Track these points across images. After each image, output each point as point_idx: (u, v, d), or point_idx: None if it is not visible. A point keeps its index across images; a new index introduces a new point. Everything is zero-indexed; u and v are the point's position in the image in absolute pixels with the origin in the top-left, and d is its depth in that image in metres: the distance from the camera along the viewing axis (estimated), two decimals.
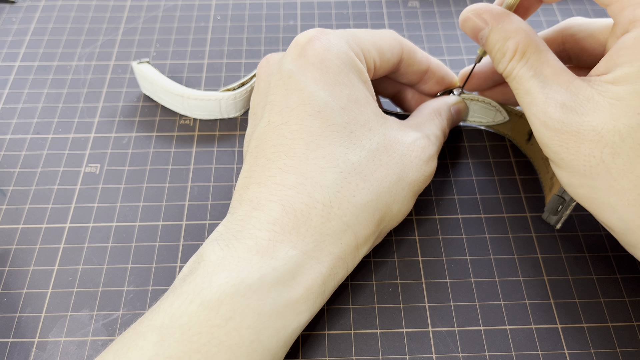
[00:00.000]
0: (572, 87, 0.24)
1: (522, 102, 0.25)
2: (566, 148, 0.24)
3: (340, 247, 0.24)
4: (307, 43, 0.26)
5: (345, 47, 0.26)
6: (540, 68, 0.25)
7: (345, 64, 0.26)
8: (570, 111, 0.23)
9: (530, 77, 0.25)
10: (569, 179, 0.25)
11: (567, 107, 0.23)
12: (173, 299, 0.21)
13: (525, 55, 0.25)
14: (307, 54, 0.26)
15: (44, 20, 0.42)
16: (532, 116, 0.25)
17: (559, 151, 0.24)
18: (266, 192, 0.24)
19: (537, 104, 0.24)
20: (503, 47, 0.26)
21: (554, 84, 0.24)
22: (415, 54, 0.30)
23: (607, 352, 0.26)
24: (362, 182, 0.24)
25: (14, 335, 0.27)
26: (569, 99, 0.23)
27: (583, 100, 0.23)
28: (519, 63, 0.25)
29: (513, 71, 0.25)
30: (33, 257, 0.29)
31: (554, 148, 0.24)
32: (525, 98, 0.25)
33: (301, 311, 0.22)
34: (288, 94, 0.25)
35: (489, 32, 0.26)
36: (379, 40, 0.28)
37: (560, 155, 0.24)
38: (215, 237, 0.24)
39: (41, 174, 0.33)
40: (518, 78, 0.25)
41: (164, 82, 0.35)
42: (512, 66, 0.25)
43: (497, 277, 0.29)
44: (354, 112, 0.25)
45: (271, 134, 0.25)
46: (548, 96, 0.24)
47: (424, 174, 0.27)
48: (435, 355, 0.26)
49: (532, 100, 0.25)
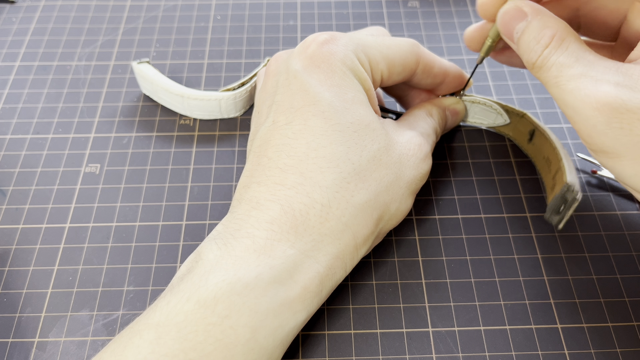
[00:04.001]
0: (623, 69, 0.22)
1: (565, 90, 0.23)
2: (629, 130, 0.21)
3: (339, 247, 0.24)
4: (315, 45, 0.26)
5: (351, 55, 0.26)
6: (583, 55, 0.23)
7: (350, 71, 0.26)
8: (629, 89, 0.21)
9: (574, 62, 0.23)
10: (633, 168, 0.22)
11: (623, 85, 0.22)
12: (170, 298, 0.21)
13: (564, 42, 0.24)
14: (313, 56, 0.26)
15: (44, 20, 0.42)
16: (580, 102, 0.22)
17: (620, 135, 0.22)
18: (266, 191, 0.24)
19: (585, 87, 0.22)
20: (539, 35, 0.24)
21: (602, 67, 0.23)
22: (432, 68, 0.30)
23: (607, 352, 0.26)
24: (360, 182, 0.24)
25: (14, 335, 0.27)
26: (623, 79, 0.22)
27: (638, 78, 0.22)
28: (557, 50, 0.24)
29: (550, 59, 0.24)
30: (33, 257, 0.29)
31: (613, 133, 0.22)
32: (569, 84, 0.23)
33: (298, 310, 0.22)
34: (293, 95, 0.26)
35: (527, 24, 0.25)
36: (393, 52, 0.28)
37: (622, 140, 0.22)
38: (214, 235, 0.24)
39: (41, 174, 0.33)
40: (558, 64, 0.23)
41: (164, 82, 0.35)
42: (548, 53, 0.24)
43: (497, 277, 0.29)
44: (358, 113, 0.25)
45: (275, 134, 0.25)
46: (598, 78, 0.22)
47: (420, 172, 0.27)
48: (435, 355, 0.26)
49: (577, 85, 0.22)
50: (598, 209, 0.31)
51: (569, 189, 0.28)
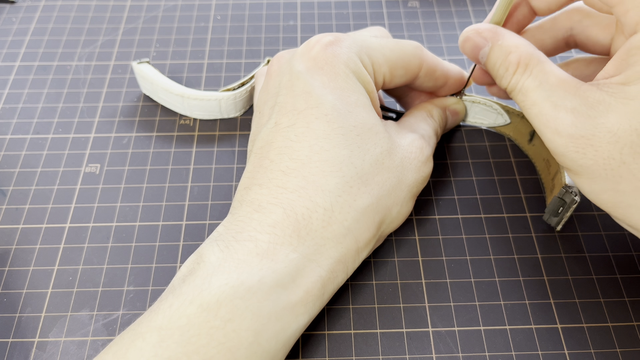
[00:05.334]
0: (581, 92, 0.23)
1: (530, 114, 0.25)
2: (583, 154, 0.23)
3: (341, 251, 0.24)
4: (319, 47, 0.26)
5: (354, 57, 0.26)
6: (545, 77, 0.24)
7: (353, 73, 0.26)
8: (582, 115, 0.23)
9: (536, 87, 0.24)
10: (590, 186, 0.23)
11: (578, 111, 0.23)
12: (172, 300, 0.21)
13: (528, 67, 0.25)
14: (317, 58, 0.26)
15: (44, 20, 0.42)
16: (542, 126, 0.24)
17: (576, 158, 0.23)
18: (267, 194, 0.24)
19: (545, 113, 0.24)
20: (505, 62, 0.25)
21: (561, 91, 0.24)
22: (434, 71, 0.30)
23: (607, 352, 0.26)
24: (363, 186, 0.24)
25: (14, 335, 0.27)
26: (579, 103, 0.23)
27: (594, 103, 0.22)
28: (522, 75, 0.25)
29: (518, 84, 0.25)
30: (33, 257, 0.29)
31: (571, 155, 0.23)
32: (533, 109, 0.24)
33: (300, 314, 0.22)
34: (296, 96, 0.25)
35: (489, 49, 0.26)
36: (396, 55, 0.28)
37: (579, 162, 0.23)
38: (215, 237, 0.24)
39: (41, 174, 0.33)
40: (524, 90, 0.25)
41: (164, 82, 0.35)
42: (516, 79, 0.25)
43: (497, 277, 0.29)
44: (361, 116, 0.25)
45: (277, 136, 0.25)
46: (557, 104, 0.23)
47: (422, 175, 0.27)
48: (435, 355, 0.26)
49: (539, 110, 0.24)
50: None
51: (567, 191, 0.28)
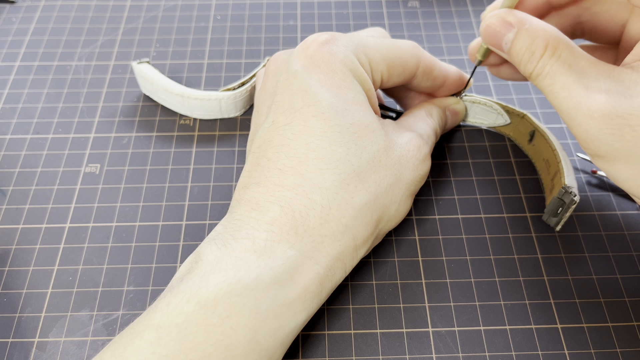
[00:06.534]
0: (615, 74, 0.22)
1: (558, 98, 0.24)
2: (620, 135, 0.22)
3: (339, 248, 0.24)
4: (316, 45, 0.26)
5: (351, 56, 0.26)
6: (575, 60, 0.23)
7: (350, 72, 0.26)
8: (618, 95, 0.22)
9: (566, 70, 0.23)
10: (627, 172, 0.23)
11: (614, 92, 0.22)
12: (170, 299, 0.21)
13: (557, 50, 0.24)
14: (314, 56, 0.26)
15: (44, 20, 0.42)
16: (572, 109, 0.23)
17: (612, 141, 0.22)
18: (265, 192, 0.24)
19: (577, 95, 0.23)
20: (532, 46, 0.24)
21: (594, 73, 0.23)
22: (432, 70, 0.29)
23: (607, 352, 0.26)
24: (360, 183, 0.24)
25: (14, 335, 0.27)
26: (614, 85, 0.22)
27: (630, 84, 0.22)
28: (551, 59, 0.24)
29: (545, 68, 0.24)
30: (33, 257, 0.29)
31: (605, 139, 0.22)
32: (562, 92, 0.23)
33: (298, 311, 0.22)
34: (293, 95, 0.25)
35: (514, 34, 0.25)
36: (393, 53, 0.28)
37: (614, 146, 0.22)
38: (213, 236, 0.24)
39: (41, 174, 0.33)
40: (552, 73, 0.24)
41: (164, 82, 0.35)
42: (543, 63, 0.24)
43: (497, 277, 0.29)
44: (358, 114, 0.25)
45: (274, 135, 0.25)
46: (589, 86, 0.22)
47: (420, 173, 0.27)
48: (435, 355, 0.26)
49: (569, 93, 0.23)
50: (598, 208, 0.31)
51: (566, 191, 0.28)
